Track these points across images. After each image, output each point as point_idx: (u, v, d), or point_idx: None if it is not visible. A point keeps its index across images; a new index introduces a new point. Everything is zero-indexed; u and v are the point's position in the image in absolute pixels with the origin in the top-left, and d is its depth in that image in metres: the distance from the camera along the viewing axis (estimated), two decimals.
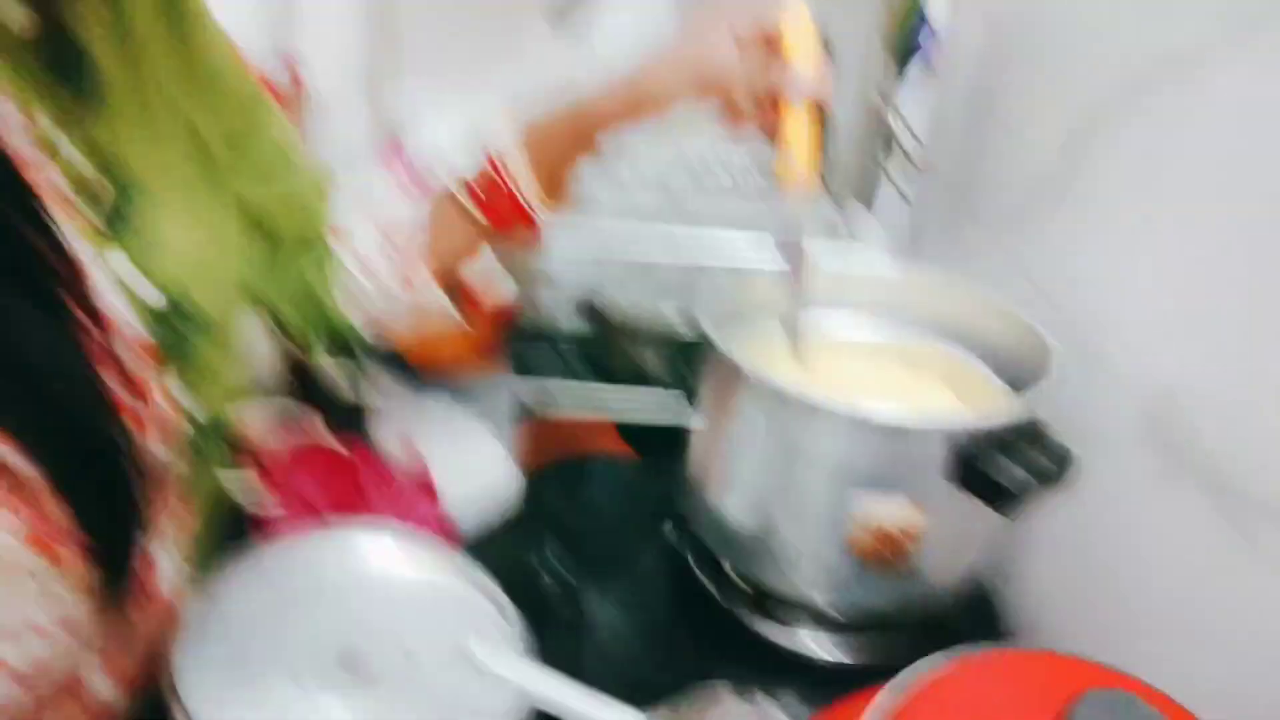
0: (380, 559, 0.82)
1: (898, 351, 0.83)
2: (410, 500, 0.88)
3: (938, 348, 0.82)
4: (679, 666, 0.75)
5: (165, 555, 0.64)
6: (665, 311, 1.10)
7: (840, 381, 0.80)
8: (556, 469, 1.02)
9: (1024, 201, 0.87)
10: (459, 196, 0.72)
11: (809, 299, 0.73)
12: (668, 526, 0.89)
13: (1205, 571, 0.60)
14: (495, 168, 0.70)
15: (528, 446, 1.04)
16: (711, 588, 0.80)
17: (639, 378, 1.13)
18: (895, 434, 0.64)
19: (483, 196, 0.71)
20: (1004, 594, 0.83)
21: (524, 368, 0.99)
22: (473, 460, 0.95)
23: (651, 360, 1.12)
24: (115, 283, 0.55)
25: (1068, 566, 0.77)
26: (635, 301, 1.13)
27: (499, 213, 0.71)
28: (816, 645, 0.75)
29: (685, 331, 1.09)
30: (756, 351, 0.81)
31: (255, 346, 1.04)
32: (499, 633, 0.76)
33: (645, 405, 1.09)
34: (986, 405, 0.77)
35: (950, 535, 0.69)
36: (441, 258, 0.74)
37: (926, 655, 0.74)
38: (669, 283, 1.17)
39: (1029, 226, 0.87)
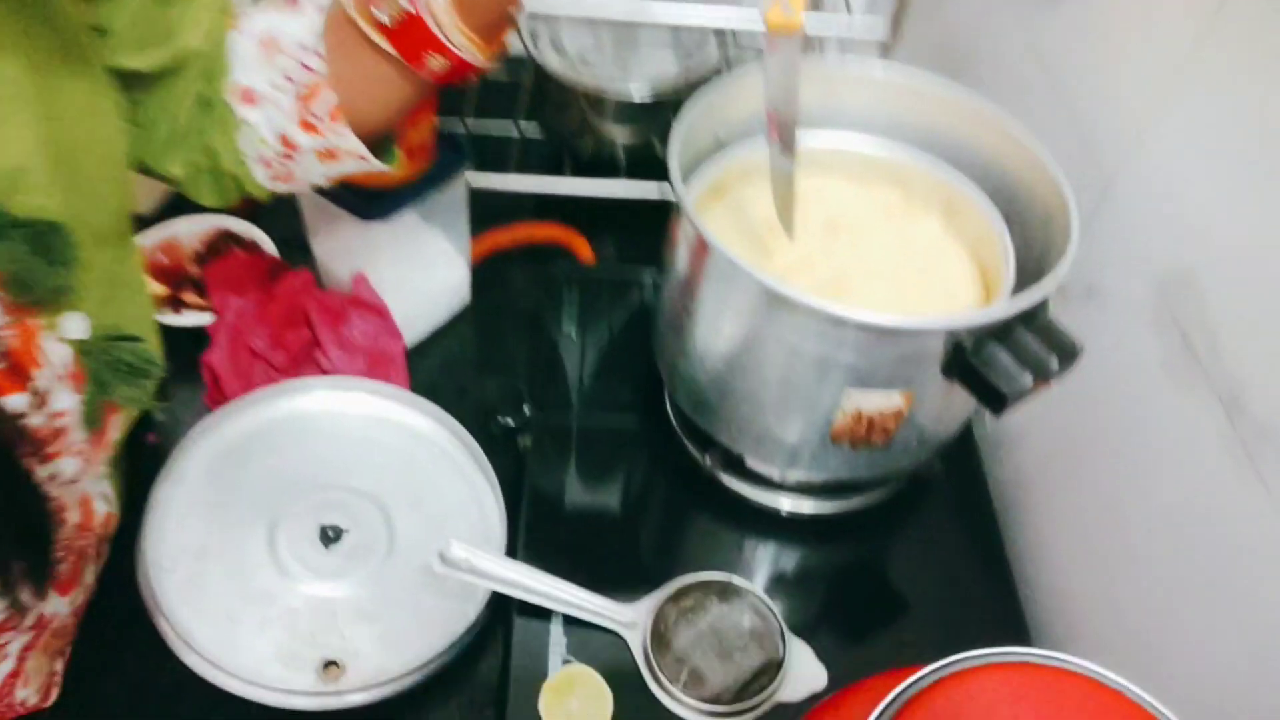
0: (342, 411, 0.79)
1: (891, 172, 0.74)
2: (361, 328, 0.82)
3: (935, 173, 0.73)
4: (649, 519, 0.75)
5: (93, 485, 0.60)
6: (632, 83, 0.98)
7: (825, 215, 0.73)
8: (512, 271, 0.96)
9: None
10: (356, 18, 0.57)
11: (797, 155, 0.64)
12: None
13: (1207, 496, 0.56)
14: None
15: (483, 246, 0.97)
16: (688, 443, 0.77)
17: (606, 162, 1.04)
18: (885, 335, 0.58)
19: (386, 21, 0.56)
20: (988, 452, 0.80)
21: (480, 157, 0.89)
22: (425, 269, 0.88)
23: (619, 134, 1.02)
24: None
25: (1060, 447, 0.74)
26: (600, 70, 1.00)
27: (408, 42, 0.56)
28: (791, 503, 0.74)
29: (652, 99, 0.98)
30: (733, 199, 0.73)
31: None
32: (481, 510, 0.74)
33: (612, 190, 1.00)
34: (980, 239, 0.70)
35: (937, 414, 0.65)
36: (348, 96, 0.60)
37: (903, 506, 0.75)
38: (635, 48, 1.03)
39: (1059, 13, 0.74)
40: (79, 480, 0.57)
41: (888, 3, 0.87)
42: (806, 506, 0.73)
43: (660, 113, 1.00)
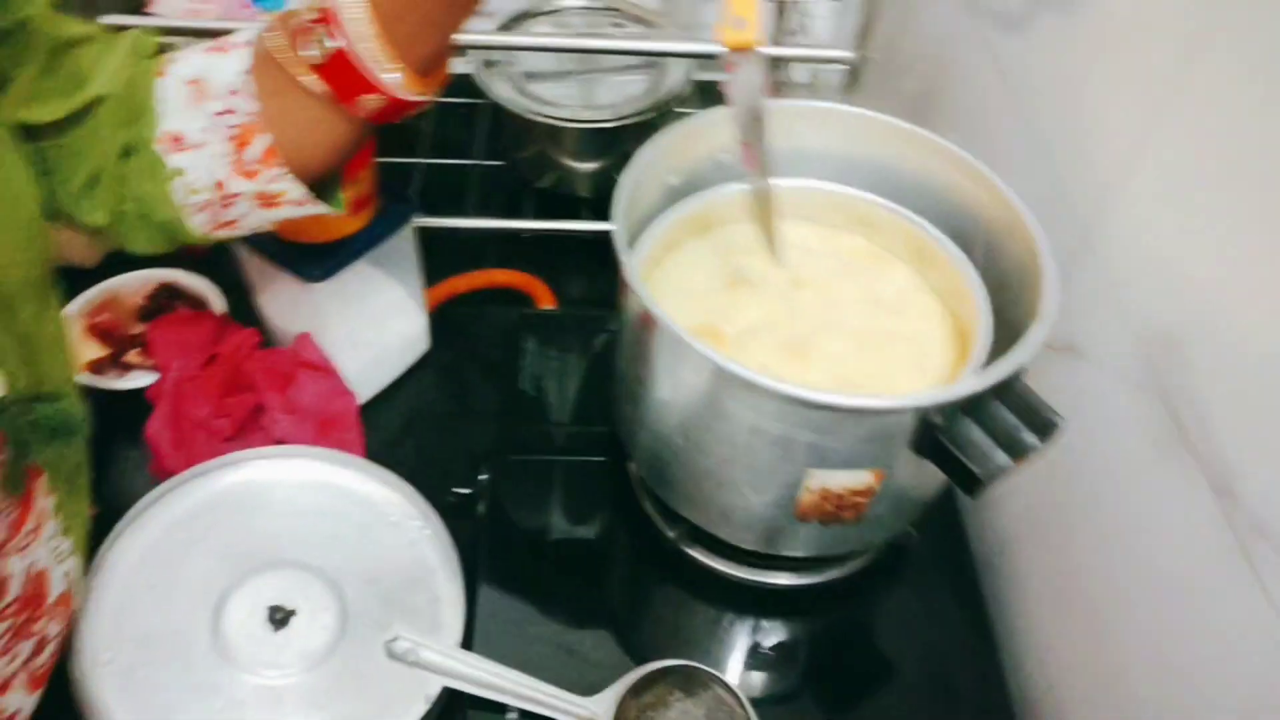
0: (291, 482, 0.75)
1: (857, 216, 0.70)
2: (310, 390, 0.78)
3: (904, 220, 0.68)
4: (609, 588, 0.71)
5: (44, 556, 0.57)
6: (592, 111, 0.93)
7: (789, 265, 0.68)
8: (472, 315, 0.92)
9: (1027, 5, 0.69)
10: (279, 58, 0.54)
11: (772, 173, 0.61)
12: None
13: (1199, 586, 0.52)
14: (327, 19, 0.51)
15: (441, 292, 0.93)
16: (653, 512, 0.73)
17: (569, 196, 0.99)
18: (848, 414, 0.54)
19: (314, 60, 0.53)
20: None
21: (437, 198, 0.85)
22: (378, 321, 0.84)
23: (581, 166, 0.97)
24: None
25: (1043, 511, 0.70)
26: (561, 98, 0.95)
27: (338, 81, 0.53)
28: (762, 577, 0.70)
29: (614, 126, 0.93)
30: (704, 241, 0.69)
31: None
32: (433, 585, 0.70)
33: (570, 228, 0.96)
34: (953, 291, 0.66)
35: (911, 488, 0.61)
36: (283, 138, 0.56)
37: (882, 574, 0.70)
38: (600, 74, 0.99)
39: (1031, 44, 0.70)
40: (7, 549, 0.53)
41: (852, 20, 0.82)
42: (778, 579, 0.69)
43: (624, 141, 0.96)
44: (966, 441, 0.53)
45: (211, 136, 0.57)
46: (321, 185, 0.61)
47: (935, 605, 0.70)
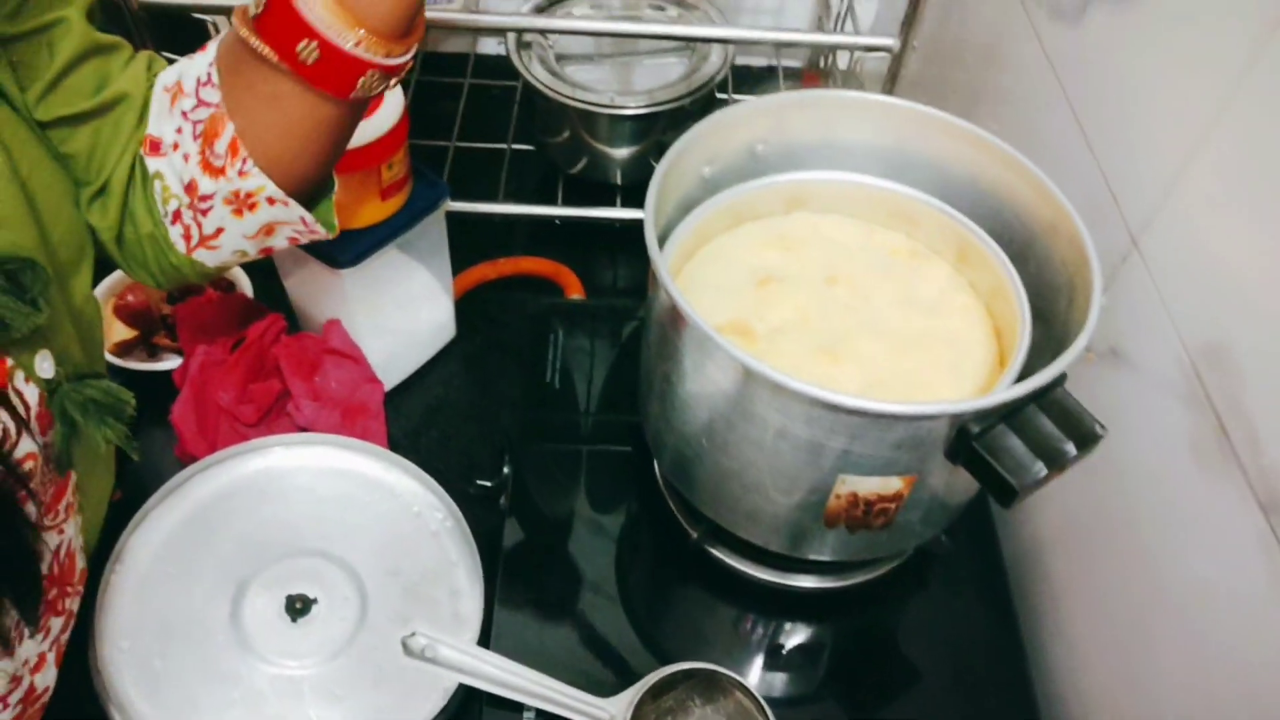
0: (314, 470, 0.74)
1: (897, 211, 0.68)
2: (336, 377, 0.77)
3: (945, 217, 0.66)
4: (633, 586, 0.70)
5: (72, 528, 0.57)
6: (627, 96, 0.92)
7: (825, 262, 0.67)
8: (500, 303, 0.90)
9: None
10: (236, 24, 0.51)
11: None
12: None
13: (1239, 603, 0.50)
14: None
15: (469, 279, 0.92)
16: (676, 510, 0.72)
17: (602, 182, 0.98)
18: (880, 420, 0.52)
19: (256, 10, 0.50)
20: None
21: (468, 184, 0.84)
22: (406, 308, 0.83)
23: (615, 151, 0.96)
24: None
25: (1079, 518, 0.67)
26: (596, 81, 0.94)
27: (276, 30, 0.49)
28: (786, 579, 0.68)
29: (649, 112, 0.91)
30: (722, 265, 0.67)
31: None
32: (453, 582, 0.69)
33: (600, 215, 0.94)
34: (993, 291, 0.64)
35: (943, 496, 0.59)
36: (249, 126, 0.54)
37: (910, 580, 0.69)
38: (638, 58, 0.97)
39: (1084, 35, 0.67)
40: (41, 525, 0.53)
41: (897, 7, 0.79)
42: (803, 583, 0.68)
43: (659, 127, 0.94)
44: (1003, 450, 0.52)
45: (183, 136, 0.55)
46: (311, 198, 0.58)
47: (964, 613, 0.68)
